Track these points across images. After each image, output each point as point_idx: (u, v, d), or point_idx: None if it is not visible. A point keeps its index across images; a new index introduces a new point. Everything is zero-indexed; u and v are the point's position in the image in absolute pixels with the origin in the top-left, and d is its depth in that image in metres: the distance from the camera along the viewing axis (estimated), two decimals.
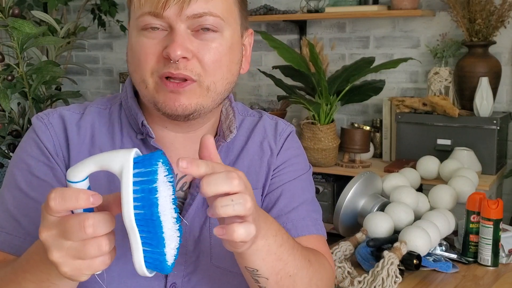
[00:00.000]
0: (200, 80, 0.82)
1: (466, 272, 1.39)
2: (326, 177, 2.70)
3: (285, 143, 1.00)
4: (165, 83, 0.82)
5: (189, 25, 0.81)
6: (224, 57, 0.84)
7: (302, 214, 0.97)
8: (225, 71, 0.84)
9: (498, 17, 2.45)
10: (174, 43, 0.79)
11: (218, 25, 0.82)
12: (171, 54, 0.79)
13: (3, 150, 2.05)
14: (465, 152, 2.33)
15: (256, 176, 0.96)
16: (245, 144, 0.97)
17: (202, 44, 0.82)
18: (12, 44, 1.85)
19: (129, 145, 0.91)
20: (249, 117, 1.01)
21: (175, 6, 0.79)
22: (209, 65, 0.82)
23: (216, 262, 0.91)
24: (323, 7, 2.84)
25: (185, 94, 0.82)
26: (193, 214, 0.90)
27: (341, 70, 2.66)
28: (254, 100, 3.22)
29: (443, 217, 1.48)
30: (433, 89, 2.55)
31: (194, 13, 0.80)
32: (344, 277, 1.34)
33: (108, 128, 0.92)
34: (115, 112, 0.94)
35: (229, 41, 0.84)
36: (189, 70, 0.81)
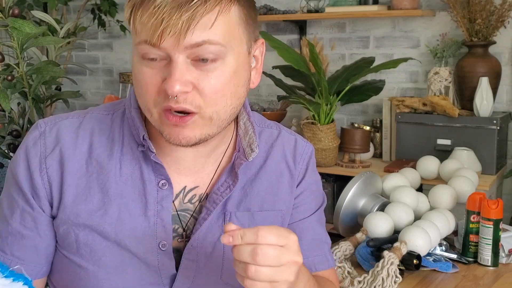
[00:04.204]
0: (201, 112, 0.79)
1: (466, 272, 1.39)
2: (326, 177, 2.70)
3: (308, 171, 0.99)
4: (167, 117, 0.79)
5: (188, 55, 0.77)
6: (227, 85, 0.79)
7: (319, 251, 1.01)
8: (228, 98, 0.80)
9: (498, 17, 2.45)
10: (172, 78, 0.76)
11: (219, 52, 0.77)
12: (168, 91, 0.76)
13: (3, 150, 2.04)
14: (465, 152, 2.33)
15: (273, 197, 0.94)
16: (264, 162, 0.95)
17: (202, 75, 0.78)
18: (12, 44, 1.85)
19: (128, 156, 0.88)
20: (267, 129, 0.99)
21: (172, 37, 0.75)
22: (210, 96, 0.78)
23: (226, 279, 0.91)
24: (323, 7, 2.84)
25: (188, 127, 0.80)
26: (206, 229, 0.89)
27: (341, 70, 2.66)
28: (254, 100, 3.22)
29: (443, 217, 1.48)
30: (433, 89, 2.55)
31: (192, 43, 0.75)
32: (344, 277, 1.34)
33: (109, 136, 0.90)
34: (117, 119, 0.91)
35: (232, 66, 0.80)
36: (189, 103, 0.78)
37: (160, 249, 0.87)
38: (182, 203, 0.90)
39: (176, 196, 0.90)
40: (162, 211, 0.87)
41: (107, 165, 0.87)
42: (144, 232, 0.86)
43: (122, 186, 0.87)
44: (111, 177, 0.87)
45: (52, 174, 0.86)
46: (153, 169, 0.87)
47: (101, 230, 0.86)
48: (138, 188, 0.87)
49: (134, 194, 0.87)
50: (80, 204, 0.86)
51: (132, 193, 0.87)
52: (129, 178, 0.87)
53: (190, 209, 0.90)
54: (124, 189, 0.87)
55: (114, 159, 0.88)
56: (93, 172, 0.87)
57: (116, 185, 0.87)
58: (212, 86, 0.78)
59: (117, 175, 0.87)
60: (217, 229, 0.90)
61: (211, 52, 0.76)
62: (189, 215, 0.90)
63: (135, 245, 0.86)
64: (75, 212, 0.86)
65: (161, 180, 0.87)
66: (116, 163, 0.87)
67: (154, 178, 0.87)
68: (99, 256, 0.86)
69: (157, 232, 0.87)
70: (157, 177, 0.87)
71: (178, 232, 0.90)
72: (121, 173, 0.87)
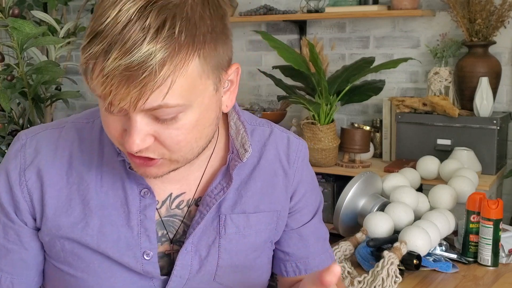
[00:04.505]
0: (164, 157, 0.76)
1: (466, 272, 1.39)
2: (326, 177, 2.70)
3: (304, 170, 0.98)
4: (131, 158, 0.77)
5: (146, 113, 0.71)
6: (190, 134, 0.75)
7: (323, 249, 1.02)
8: (193, 143, 0.77)
9: (498, 17, 2.45)
10: (131, 137, 0.72)
11: (179, 111, 0.72)
12: (127, 149, 0.73)
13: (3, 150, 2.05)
14: (465, 152, 2.33)
15: (269, 197, 0.93)
16: (257, 162, 0.93)
17: (163, 128, 0.73)
18: (12, 44, 1.85)
19: (109, 165, 0.86)
20: (259, 128, 0.96)
21: (125, 105, 0.69)
22: (173, 147, 0.75)
23: (219, 280, 0.90)
24: (323, 7, 2.84)
25: (153, 167, 0.77)
26: (200, 232, 0.88)
27: (341, 70, 2.66)
28: (254, 100, 3.22)
29: (443, 217, 1.48)
30: (433, 89, 2.55)
31: (148, 108, 0.69)
32: (344, 277, 1.34)
33: (89, 146, 0.88)
34: (97, 128, 0.89)
35: (195, 117, 0.74)
36: (151, 152, 0.75)
37: (144, 259, 0.85)
38: (170, 209, 0.89)
39: (163, 203, 0.88)
40: (146, 221, 0.85)
41: (87, 176, 0.86)
42: (127, 242, 0.85)
43: (104, 197, 0.85)
44: (91, 188, 0.85)
45: (32, 187, 0.85)
46: (135, 179, 0.86)
47: (83, 242, 0.85)
48: (120, 198, 0.86)
49: (116, 204, 0.86)
50: (61, 216, 0.85)
51: (114, 203, 0.86)
52: (111, 188, 0.86)
53: (178, 214, 0.89)
54: (105, 200, 0.85)
55: (94, 169, 0.86)
56: (74, 184, 0.85)
57: (97, 196, 0.85)
58: (174, 138, 0.74)
59: (98, 186, 0.85)
60: (212, 232, 0.89)
61: (169, 113, 0.71)
62: (179, 220, 0.89)
63: (119, 256, 0.85)
64: (57, 224, 0.85)
65: (143, 189, 0.86)
66: (96, 173, 0.86)
67: (136, 187, 0.86)
68: (87, 263, 0.86)
69: (141, 241, 0.85)
70: (139, 186, 0.86)
71: (167, 238, 0.89)
72: (102, 183, 0.86)
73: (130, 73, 0.66)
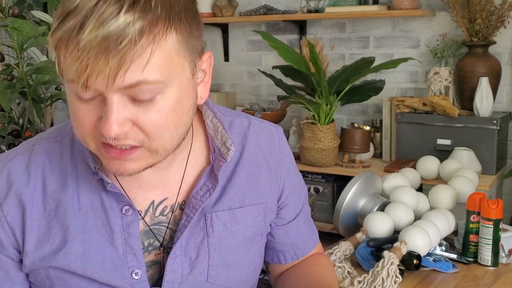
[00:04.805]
0: (144, 145, 0.73)
1: (466, 272, 1.39)
2: (326, 177, 2.70)
3: (287, 158, 0.97)
4: (106, 150, 0.73)
5: (123, 92, 0.69)
6: (169, 118, 0.72)
7: (309, 232, 1.04)
8: (173, 129, 0.74)
9: (498, 17, 2.45)
10: (108, 121, 0.68)
11: (157, 90, 0.70)
12: (105, 134, 0.69)
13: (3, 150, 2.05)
14: (465, 152, 2.33)
15: (254, 190, 0.92)
16: (240, 155, 0.91)
17: (141, 111, 0.70)
18: (12, 44, 1.85)
19: (85, 185, 0.82)
20: (237, 119, 0.94)
21: (102, 80, 0.66)
22: (153, 132, 0.71)
23: (212, 280, 0.89)
24: (323, 7, 2.84)
25: (130, 161, 0.73)
26: (188, 235, 0.86)
27: (341, 70, 2.66)
28: (254, 100, 3.22)
29: (443, 217, 1.48)
30: (433, 89, 2.55)
31: (126, 85, 0.67)
32: (344, 277, 1.34)
33: (61, 167, 0.83)
34: (67, 147, 0.85)
35: (174, 98, 0.72)
36: (130, 139, 0.71)
37: (133, 278, 0.83)
38: (154, 217, 0.86)
39: (146, 212, 0.86)
40: (130, 238, 0.83)
41: (64, 200, 0.82)
42: (114, 263, 0.82)
43: (83, 220, 0.82)
44: (69, 212, 0.82)
45: (12, 221, 0.81)
46: (114, 196, 0.82)
47: (68, 269, 0.82)
48: (101, 218, 0.82)
49: (97, 226, 0.82)
50: (44, 246, 0.81)
51: (95, 224, 0.82)
52: (90, 209, 0.82)
53: (163, 221, 0.86)
54: (85, 222, 0.82)
55: (70, 191, 0.82)
56: (51, 210, 0.82)
57: (76, 219, 0.82)
58: (153, 122, 0.71)
59: (76, 209, 0.82)
60: (199, 232, 0.87)
61: (148, 91, 0.69)
62: (164, 227, 0.86)
63: (106, 278, 0.82)
64: (40, 255, 0.82)
65: (124, 206, 0.82)
66: (73, 195, 0.82)
67: (116, 205, 0.82)
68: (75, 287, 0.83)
69: (128, 261, 0.83)
70: (119, 203, 0.82)
71: (154, 246, 0.86)
72: (80, 205, 0.82)
73: (108, 43, 0.64)
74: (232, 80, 3.31)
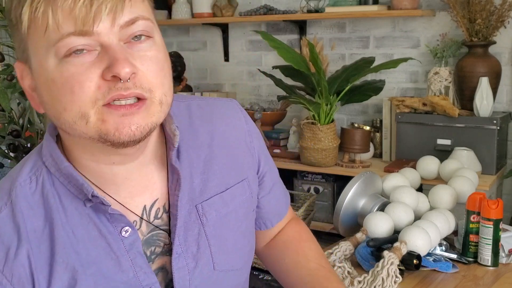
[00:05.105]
0: (151, 96, 0.73)
1: (466, 272, 1.39)
2: (326, 177, 2.70)
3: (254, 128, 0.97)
4: (115, 108, 0.70)
5: (120, 37, 0.70)
6: (165, 63, 0.75)
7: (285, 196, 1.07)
8: (169, 79, 0.76)
9: (498, 17, 2.45)
10: (119, 60, 0.68)
11: (150, 29, 0.73)
12: (121, 73, 0.68)
13: (3, 150, 2.05)
14: (465, 152, 2.33)
15: (234, 169, 0.91)
16: (211, 138, 0.90)
17: (141, 56, 0.72)
18: (12, 44, 1.85)
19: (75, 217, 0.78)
20: (193, 101, 0.92)
21: (107, 18, 0.68)
22: (156, 77, 0.73)
23: (219, 267, 0.88)
24: (323, 7, 2.84)
25: (139, 114, 0.72)
26: (183, 231, 0.85)
27: (341, 70, 2.66)
28: (254, 100, 3.22)
29: (443, 217, 1.48)
30: (433, 89, 2.55)
31: (127, 20, 0.70)
32: (344, 277, 1.34)
33: (45, 206, 0.79)
34: (46, 183, 0.79)
35: (161, 45, 0.76)
36: (139, 87, 0.71)
37: None
38: (150, 224, 0.84)
39: (141, 220, 0.83)
40: (137, 258, 0.81)
41: (59, 241, 0.77)
42: (127, 287, 0.80)
43: (85, 253, 0.78)
44: (70, 251, 0.78)
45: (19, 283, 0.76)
46: (109, 220, 0.79)
47: None
48: (103, 247, 0.79)
49: (101, 256, 0.79)
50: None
51: (98, 255, 0.79)
52: (88, 240, 0.79)
53: (160, 225, 0.85)
54: (88, 256, 0.79)
55: (61, 228, 0.78)
56: (49, 254, 0.78)
57: (78, 255, 0.78)
58: (155, 66, 0.73)
59: (75, 244, 0.78)
60: (194, 225, 0.86)
61: (143, 28, 0.72)
62: (162, 230, 0.85)
63: None
64: None
65: (122, 228, 0.80)
66: (67, 232, 0.78)
67: (113, 229, 0.79)
68: None
69: (141, 281, 0.81)
70: (116, 226, 0.80)
71: (156, 253, 0.85)
72: (77, 239, 0.78)
73: None
74: (232, 80, 3.31)
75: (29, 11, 0.69)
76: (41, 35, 0.69)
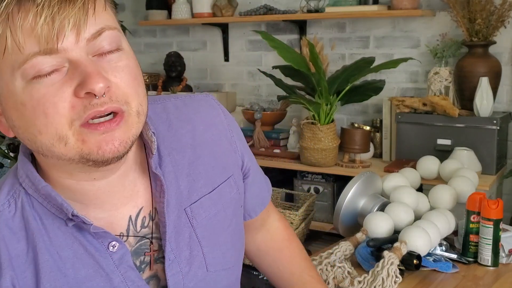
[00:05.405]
0: (128, 108, 0.71)
1: (466, 272, 1.39)
2: (326, 177, 2.70)
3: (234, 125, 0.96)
4: (94, 128, 0.68)
5: (88, 51, 0.68)
6: (137, 71, 0.73)
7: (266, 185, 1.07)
8: (143, 87, 0.74)
9: (498, 17, 2.45)
10: (91, 75, 0.66)
11: (117, 39, 0.71)
12: (96, 89, 0.65)
13: (3, 150, 2.05)
14: (465, 152, 2.33)
15: (219, 168, 0.90)
16: (192, 138, 0.87)
17: (112, 68, 0.69)
18: None
19: (59, 238, 0.76)
20: (169, 102, 0.90)
21: (71, 33, 0.65)
22: (131, 87, 0.71)
23: (212, 268, 0.88)
24: (323, 7, 2.84)
25: (120, 129, 0.70)
26: (174, 236, 0.83)
27: (341, 70, 2.66)
28: (254, 100, 3.22)
29: (443, 217, 1.48)
30: (433, 89, 2.55)
31: (93, 32, 0.67)
32: (344, 277, 1.34)
33: (26, 231, 0.76)
34: (26, 205, 0.76)
35: (130, 53, 0.74)
36: (115, 100, 0.69)
37: None
38: (137, 233, 0.82)
39: (127, 231, 0.81)
40: (127, 273, 0.79)
41: (43, 263, 0.75)
42: None
43: (73, 274, 0.76)
44: (55, 273, 0.75)
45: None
46: (94, 236, 0.77)
47: None
48: (91, 265, 0.77)
49: (90, 274, 0.77)
50: None
51: (87, 274, 0.77)
52: (75, 260, 0.76)
53: (147, 233, 0.83)
54: (76, 276, 0.76)
55: (47, 252, 0.75)
56: (35, 280, 0.75)
57: (65, 278, 0.76)
58: (127, 75, 0.71)
59: (61, 266, 0.76)
60: (185, 228, 0.84)
61: (111, 40, 0.69)
62: (149, 238, 0.83)
63: None
64: None
65: (108, 243, 0.78)
66: (51, 254, 0.75)
67: (100, 245, 0.77)
68: None
69: None
70: (102, 242, 0.78)
71: (146, 262, 0.83)
72: (63, 260, 0.76)
73: None
74: (232, 80, 3.31)
75: None
76: (3, 57, 0.66)
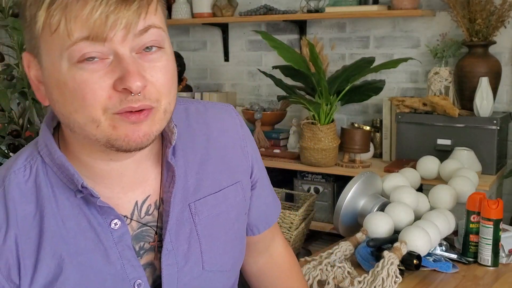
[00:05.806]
0: (157, 105, 0.75)
1: (466, 272, 1.39)
2: (326, 177, 2.70)
3: (249, 136, 0.98)
4: (125, 116, 0.72)
5: (133, 47, 0.72)
6: (173, 73, 0.77)
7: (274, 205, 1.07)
8: (175, 87, 0.78)
9: (498, 17, 2.45)
10: (131, 74, 0.70)
11: (161, 38, 0.74)
12: (133, 88, 0.70)
13: (3, 150, 2.05)
14: (465, 152, 2.33)
15: (228, 172, 0.93)
16: (207, 140, 0.91)
17: (151, 67, 0.73)
18: (12, 44, 1.85)
19: (67, 208, 0.80)
20: (191, 104, 0.94)
21: (121, 31, 0.70)
22: (164, 88, 0.75)
23: (208, 267, 0.89)
24: (323, 7, 2.84)
25: (146, 123, 0.74)
26: (175, 229, 0.85)
27: (341, 70, 2.66)
28: (254, 100, 3.22)
29: (443, 217, 1.48)
30: (433, 89, 2.55)
31: (140, 29, 0.71)
32: (344, 277, 1.34)
33: (37, 195, 0.80)
34: (40, 172, 0.81)
35: (170, 55, 0.77)
36: (147, 98, 0.73)
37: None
38: (140, 219, 0.85)
39: (132, 215, 0.84)
40: (125, 251, 0.82)
41: (47, 228, 0.79)
42: (114, 279, 0.81)
43: (73, 243, 0.80)
44: (58, 240, 0.79)
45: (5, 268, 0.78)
46: (99, 211, 0.81)
47: None
48: (92, 238, 0.80)
49: (89, 246, 0.80)
50: (37, 281, 0.78)
51: (87, 245, 0.80)
52: (78, 231, 0.80)
53: (151, 221, 0.86)
54: (76, 245, 0.80)
55: (52, 217, 0.79)
56: (37, 242, 0.79)
57: (67, 245, 0.79)
58: (163, 77, 0.75)
59: (64, 234, 0.79)
60: (186, 223, 0.87)
61: (155, 38, 0.73)
62: (152, 227, 0.86)
63: None
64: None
65: (111, 220, 0.81)
66: (57, 221, 0.79)
67: (103, 221, 0.81)
68: None
69: (128, 273, 0.82)
70: (106, 218, 0.81)
71: (145, 248, 0.85)
72: (67, 229, 0.80)
73: None
74: (232, 80, 3.31)
75: (45, 15, 0.70)
76: (55, 38, 0.71)
